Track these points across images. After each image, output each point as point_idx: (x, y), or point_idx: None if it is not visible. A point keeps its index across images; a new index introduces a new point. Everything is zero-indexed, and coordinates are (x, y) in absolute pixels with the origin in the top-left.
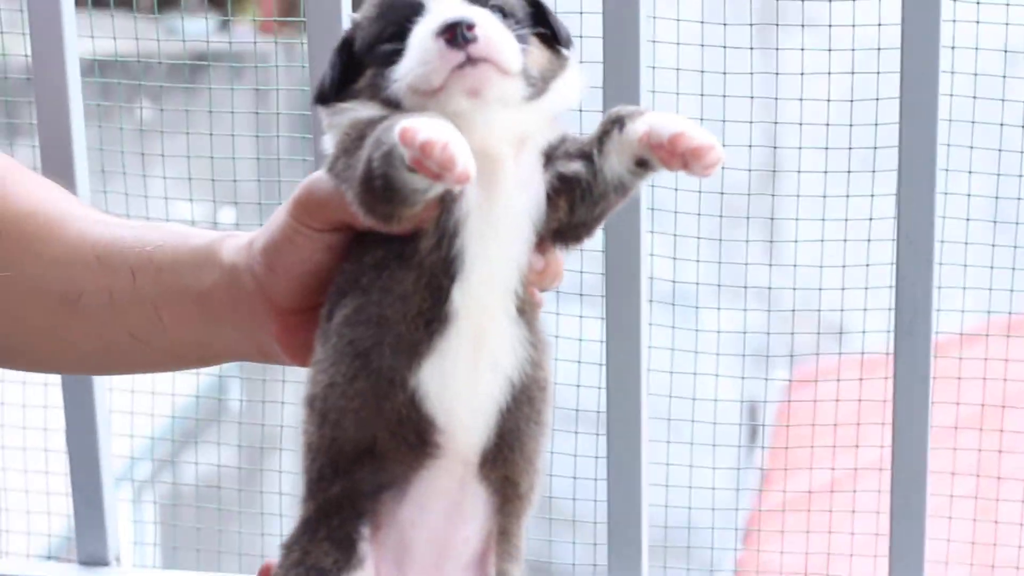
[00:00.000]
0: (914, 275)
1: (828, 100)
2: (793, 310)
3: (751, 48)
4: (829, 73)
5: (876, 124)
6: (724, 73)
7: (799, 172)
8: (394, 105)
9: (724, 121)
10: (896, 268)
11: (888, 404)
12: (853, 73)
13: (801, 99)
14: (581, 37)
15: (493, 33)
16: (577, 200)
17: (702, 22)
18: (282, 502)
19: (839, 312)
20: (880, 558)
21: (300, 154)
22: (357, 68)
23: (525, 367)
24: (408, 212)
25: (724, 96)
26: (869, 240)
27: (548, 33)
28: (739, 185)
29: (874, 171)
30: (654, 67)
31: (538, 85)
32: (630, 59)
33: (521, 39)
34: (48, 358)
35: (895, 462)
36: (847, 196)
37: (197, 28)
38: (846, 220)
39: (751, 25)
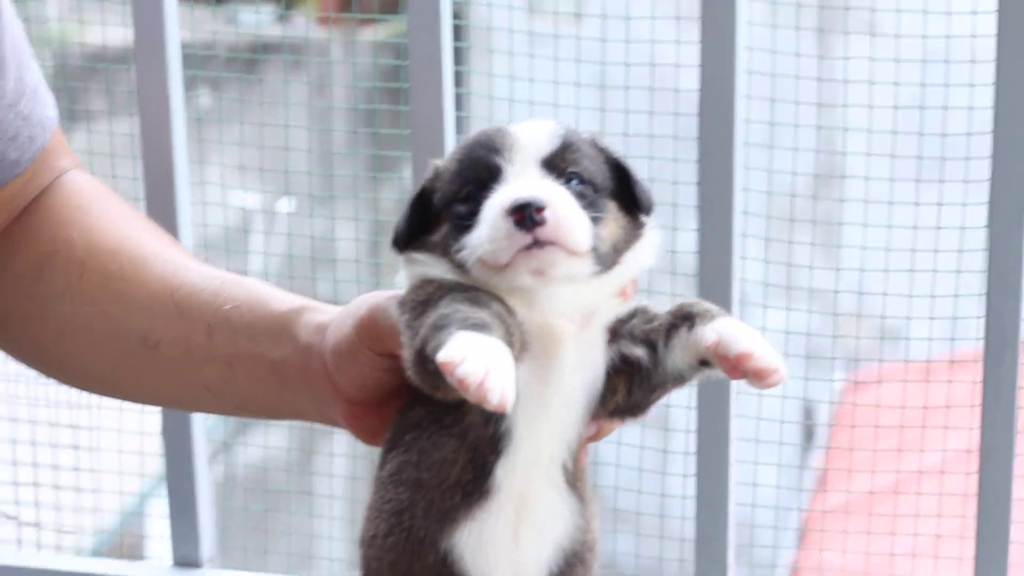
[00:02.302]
0: (1003, 290)
1: (895, 107)
2: (858, 315)
3: (819, 57)
4: (896, 84)
5: (943, 135)
6: (796, 77)
7: (866, 179)
8: (464, 269)
9: (796, 126)
10: (987, 277)
11: (947, 410)
12: (923, 86)
13: (870, 106)
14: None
15: (563, 214)
16: (635, 384)
17: (773, 26)
18: (332, 485)
19: (904, 320)
20: (942, 560)
21: (355, 147)
22: (434, 218)
23: (575, 533)
24: (455, 396)
25: (796, 103)
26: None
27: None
28: (806, 188)
29: (942, 181)
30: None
31: (609, 258)
32: (726, 67)
33: (596, 210)
34: (131, 394)
35: (982, 464)
36: (916, 204)
37: (255, 18)
38: (915, 228)
39: (819, 31)
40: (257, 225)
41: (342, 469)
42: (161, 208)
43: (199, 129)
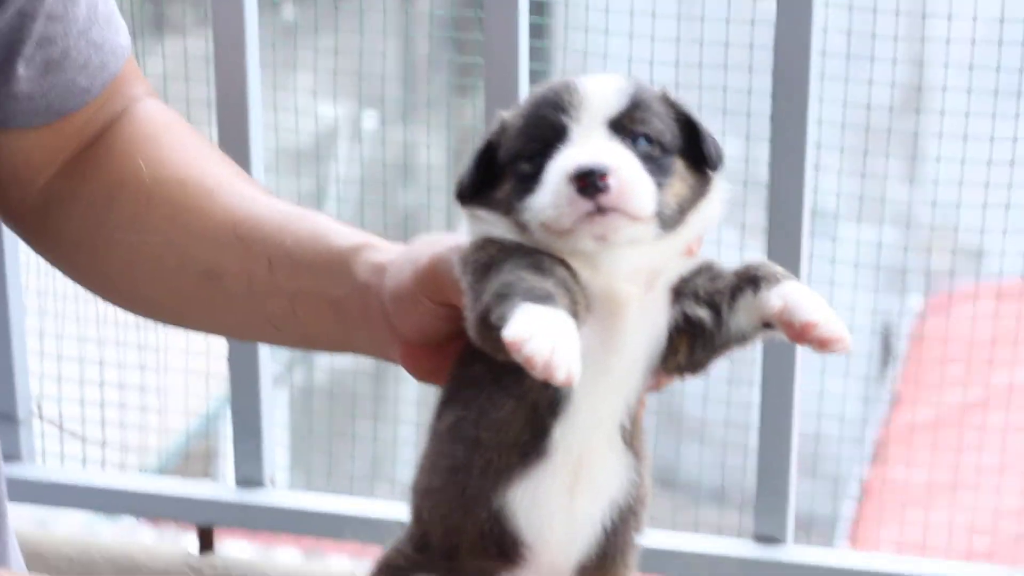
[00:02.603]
0: None
1: (975, 18)
2: (932, 228)
3: None
4: None
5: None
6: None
7: (944, 90)
8: (526, 230)
9: (874, 36)
10: None
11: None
12: None
13: (949, 16)
14: None
15: (627, 180)
16: (698, 346)
17: None
18: (398, 409)
19: (979, 233)
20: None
21: (444, 55)
22: (498, 173)
23: (630, 489)
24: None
25: (874, 11)
26: (1012, 163)
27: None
28: (884, 100)
29: (1021, 93)
30: None
31: (674, 219)
32: None
33: (663, 171)
34: (197, 324)
35: None
36: (993, 115)
37: None
38: (992, 140)
39: None
40: (344, 133)
41: (411, 394)
42: (233, 131)
43: (295, 36)
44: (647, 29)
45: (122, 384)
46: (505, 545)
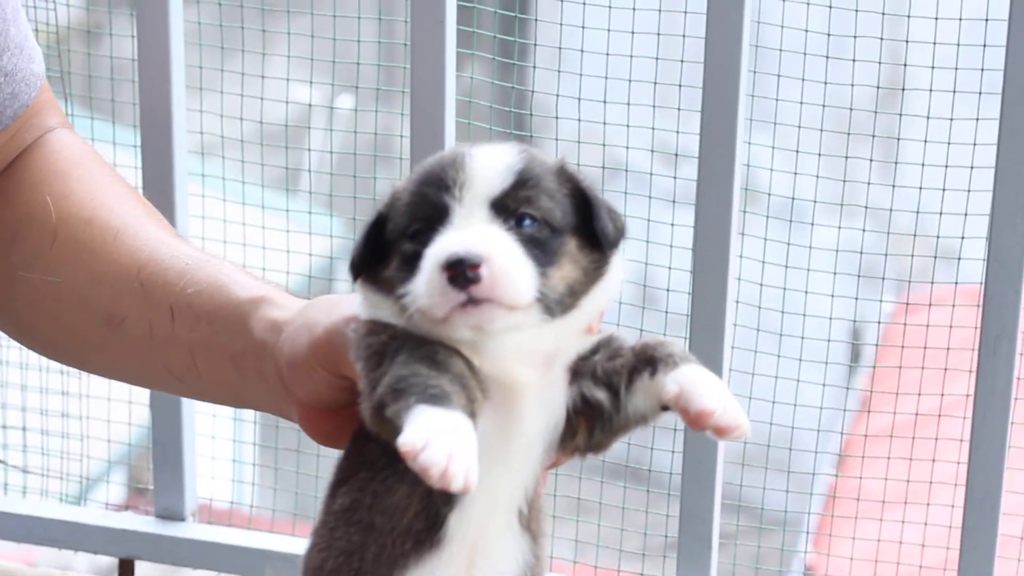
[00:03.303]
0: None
1: (960, 19)
2: (914, 235)
3: None
4: None
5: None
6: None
7: (930, 91)
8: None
9: (855, 37)
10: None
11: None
12: None
13: (936, 18)
14: None
15: (500, 270)
16: (596, 427)
17: None
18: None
19: (958, 240)
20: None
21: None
22: (388, 249)
23: (527, 572)
24: None
25: (856, 11)
26: (971, 167)
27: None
28: (864, 102)
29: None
30: None
31: (564, 304)
32: None
33: (549, 254)
34: (99, 370)
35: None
36: (976, 120)
37: None
38: (949, 143)
39: None
40: (318, 121)
41: None
42: (157, 139)
43: (262, 21)
44: (627, 24)
45: (45, 431)
46: None
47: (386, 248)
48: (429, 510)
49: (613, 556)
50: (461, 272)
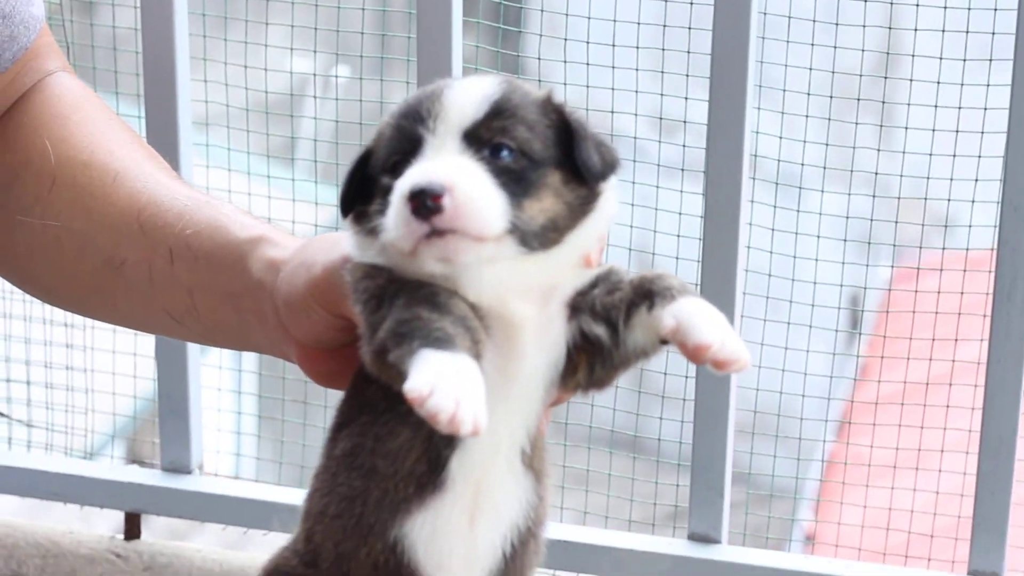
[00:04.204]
0: None
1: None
2: (899, 197)
3: None
4: None
5: (996, 9)
6: None
7: (913, 56)
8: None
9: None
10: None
11: (990, 298)
12: None
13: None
14: None
15: (464, 200)
16: (597, 363)
17: None
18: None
19: (946, 202)
20: (972, 455)
21: (411, 10)
22: (373, 185)
23: (530, 512)
24: None
25: None
26: (983, 132)
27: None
28: (853, 66)
29: (991, 59)
30: None
31: (545, 237)
32: None
33: (526, 185)
34: (98, 314)
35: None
36: (961, 84)
37: None
38: (959, 108)
39: None
40: (311, 90)
41: None
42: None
43: None
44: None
45: (50, 384)
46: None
47: (372, 185)
48: (431, 453)
49: (623, 527)
50: (423, 203)
